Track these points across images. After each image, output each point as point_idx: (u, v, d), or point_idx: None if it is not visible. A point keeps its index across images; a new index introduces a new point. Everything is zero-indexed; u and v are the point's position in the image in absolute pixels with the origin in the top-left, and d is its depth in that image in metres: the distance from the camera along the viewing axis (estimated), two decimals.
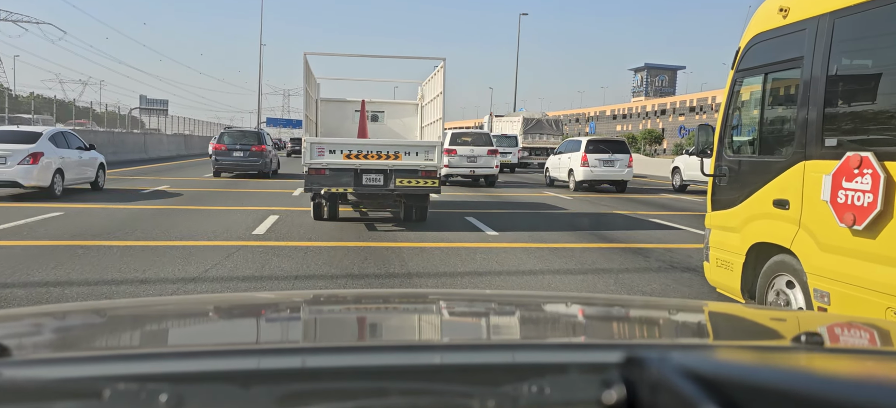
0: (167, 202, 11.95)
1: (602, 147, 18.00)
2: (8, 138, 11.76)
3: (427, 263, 6.93)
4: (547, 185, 20.04)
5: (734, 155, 4.70)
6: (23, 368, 0.80)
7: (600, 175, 17.75)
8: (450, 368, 0.85)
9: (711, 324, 1.46)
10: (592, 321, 1.51)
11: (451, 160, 18.17)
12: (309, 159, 8.90)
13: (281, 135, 65.87)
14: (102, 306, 1.72)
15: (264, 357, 0.88)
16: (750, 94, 4.68)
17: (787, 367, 0.83)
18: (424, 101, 11.66)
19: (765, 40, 4.28)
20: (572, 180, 18.20)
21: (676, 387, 0.59)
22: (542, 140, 32.01)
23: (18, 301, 4.99)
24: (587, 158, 17.63)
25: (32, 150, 11.51)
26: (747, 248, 4.37)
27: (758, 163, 4.40)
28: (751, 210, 4.34)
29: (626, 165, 17.89)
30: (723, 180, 4.76)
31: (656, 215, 11.97)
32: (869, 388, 0.62)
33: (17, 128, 13.17)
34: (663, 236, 9.29)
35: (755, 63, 4.41)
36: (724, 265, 4.71)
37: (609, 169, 17.75)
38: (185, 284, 5.62)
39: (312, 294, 2.60)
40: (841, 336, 1.29)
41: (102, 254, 6.73)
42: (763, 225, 4.21)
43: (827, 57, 3.61)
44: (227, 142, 19.63)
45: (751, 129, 4.73)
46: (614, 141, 19.22)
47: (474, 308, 1.62)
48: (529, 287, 6.17)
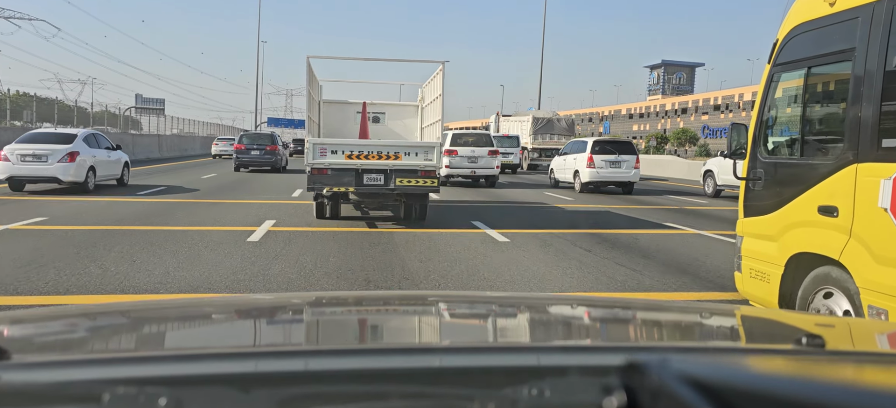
0: (189, 196, 14.17)
1: (608, 148, 18.06)
2: (47, 139, 13.80)
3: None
4: (552, 186, 20.14)
5: (770, 157, 4.46)
6: (22, 371, 0.81)
7: (606, 176, 17.83)
8: (449, 370, 0.86)
9: (712, 327, 1.49)
10: (593, 323, 1.52)
11: (452, 161, 18.65)
12: (312, 160, 9.34)
13: (283, 136, 67.25)
14: (102, 309, 1.76)
15: (264, 360, 0.89)
16: (789, 91, 4.43)
17: (788, 372, 0.83)
18: (424, 102, 12.14)
19: (808, 31, 4.04)
20: (578, 182, 18.30)
21: (677, 393, 0.60)
22: (553, 140, 31.64)
23: (92, 275, 6.20)
24: (593, 160, 17.68)
25: (69, 149, 13.42)
26: (787, 258, 4.13)
27: (799, 165, 4.16)
28: (791, 217, 4.10)
29: (632, 166, 17.95)
30: (757, 184, 4.51)
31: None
32: (870, 393, 0.62)
33: (54, 130, 16.05)
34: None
35: (796, 56, 4.17)
36: (759, 276, 4.47)
37: (615, 170, 17.80)
38: (223, 256, 7.30)
39: (312, 297, 2.66)
40: (842, 339, 1.30)
41: (148, 235, 8.58)
42: (806, 233, 3.97)
43: (884, 48, 3.36)
44: (246, 143, 24.95)
45: (790, 128, 4.49)
46: (621, 142, 19.24)
47: (474, 310, 1.65)
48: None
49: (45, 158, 13.14)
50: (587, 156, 17.82)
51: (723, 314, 1.70)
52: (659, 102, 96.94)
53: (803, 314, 2.82)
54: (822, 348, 0.97)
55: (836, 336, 1.31)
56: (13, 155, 13.14)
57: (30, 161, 13.14)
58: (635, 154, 18.21)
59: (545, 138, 31.54)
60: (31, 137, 14.12)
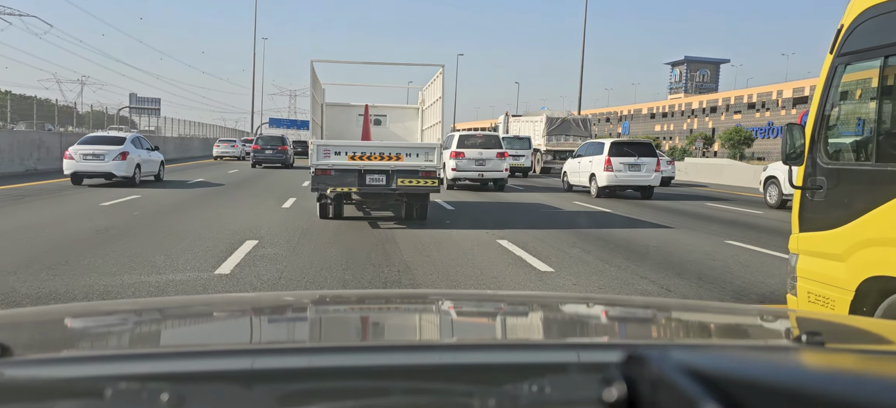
0: (222, 187, 18.61)
1: (627, 150, 17.61)
2: (103, 141, 17.56)
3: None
4: (565, 190, 19.74)
5: (834, 162, 3.99)
6: (24, 367, 0.85)
7: (626, 180, 17.37)
8: (451, 367, 0.90)
9: (712, 323, 1.54)
10: (593, 321, 1.57)
11: (459, 163, 18.60)
12: (316, 161, 9.90)
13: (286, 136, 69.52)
14: (104, 306, 1.74)
15: (266, 357, 0.93)
16: (858, 85, 3.96)
17: (788, 364, 0.85)
18: (425, 105, 12.83)
19: (882, 15, 3.57)
20: (594, 186, 17.85)
21: (677, 384, 0.61)
22: (568, 142, 30.63)
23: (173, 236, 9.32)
24: (611, 162, 17.21)
25: (122, 149, 17.12)
26: (859, 282, 3.66)
27: (875, 173, 3.68)
28: (864, 233, 3.63)
29: (653, 169, 17.46)
30: (818, 194, 4.04)
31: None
32: (869, 385, 0.63)
33: (107, 133, 20.24)
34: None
35: (867, 44, 3.70)
36: (821, 301, 4.00)
37: (635, 174, 17.33)
38: (266, 217, 11.45)
39: (315, 294, 2.62)
40: (841, 335, 1.34)
41: (198, 209, 12.87)
42: (883, 254, 3.50)
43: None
44: (261, 144, 31.38)
45: (860, 128, 4.01)
46: (641, 143, 18.80)
47: (475, 308, 1.70)
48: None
49: (102, 157, 16.69)
50: (604, 158, 17.36)
51: (723, 312, 1.76)
52: (683, 100, 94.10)
53: (803, 312, 2.66)
54: (821, 343, 1.00)
55: (835, 333, 1.34)
56: (77, 155, 16.71)
57: (90, 160, 16.68)
58: (656, 157, 17.81)
59: (560, 140, 30.66)
60: (89, 139, 17.87)
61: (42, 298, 5.35)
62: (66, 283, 5.93)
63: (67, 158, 16.68)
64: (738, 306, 1.75)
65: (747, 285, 6.76)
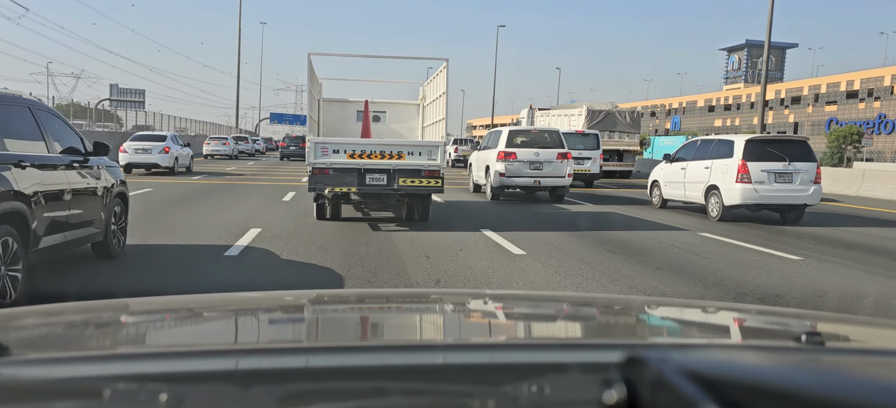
0: (242, 178, 22.83)
1: (772, 151, 12.92)
2: (149, 138, 23.74)
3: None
4: (658, 207, 15.20)
5: None
6: (22, 367, 0.89)
7: (771, 196, 12.68)
8: (450, 367, 0.96)
9: (712, 324, 1.63)
10: (593, 321, 1.68)
11: (509, 167, 15.62)
12: (313, 159, 10.00)
13: (291, 132, 70.34)
14: (102, 306, 1.83)
15: (264, 357, 0.98)
16: None
17: (788, 366, 0.87)
18: (426, 101, 13.04)
19: None
20: (716, 203, 13.06)
21: (677, 387, 0.63)
22: (614, 140, 26.30)
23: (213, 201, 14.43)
24: (747, 168, 12.57)
25: (165, 144, 23.11)
26: None
27: None
28: None
29: (811, 180, 12.83)
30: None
31: None
32: (870, 387, 0.65)
33: (151, 132, 27.46)
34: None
35: None
36: None
37: (785, 187, 12.70)
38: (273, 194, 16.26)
39: (313, 294, 2.69)
40: (841, 336, 1.43)
41: (230, 189, 17.47)
42: None
43: None
44: (287, 141, 43.14)
45: None
46: (790, 141, 14.36)
47: (475, 308, 1.79)
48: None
49: (150, 150, 22.81)
50: (737, 162, 12.53)
51: (722, 312, 1.87)
52: (746, 90, 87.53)
53: (803, 313, 2.86)
54: (821, 344, 1.09)
55: (835, 333, 1.44)
56: (130, 149, 22.78)
57: (140, 153, 22.80)
58: (815, 161, 13.06)
59: (604, 138, 24.92)
60: (138, 136, 23.93)
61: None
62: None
63: (123, 152, 22.41)
64: (739, 307, 1.89)
65: None
